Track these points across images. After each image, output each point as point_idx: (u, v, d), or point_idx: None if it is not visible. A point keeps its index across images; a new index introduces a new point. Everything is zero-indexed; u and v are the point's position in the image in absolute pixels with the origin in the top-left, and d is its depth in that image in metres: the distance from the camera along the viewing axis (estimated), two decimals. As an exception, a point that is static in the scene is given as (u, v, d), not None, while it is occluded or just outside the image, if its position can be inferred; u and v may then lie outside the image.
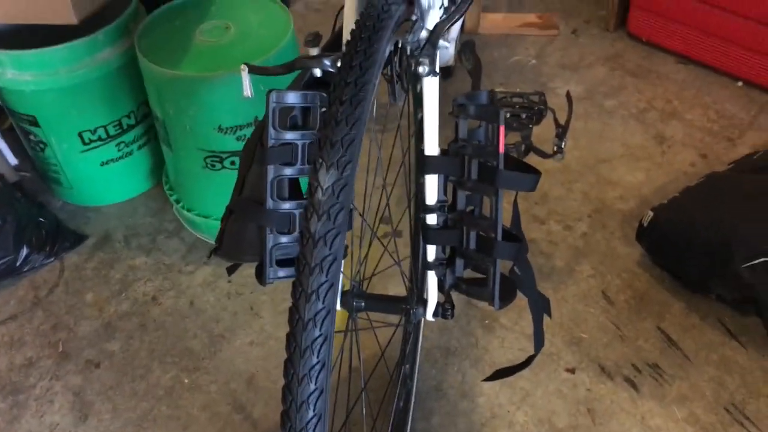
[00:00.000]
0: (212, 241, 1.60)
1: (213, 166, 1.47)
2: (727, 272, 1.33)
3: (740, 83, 1.96)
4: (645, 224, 1.47)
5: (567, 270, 1.54)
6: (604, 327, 1.43)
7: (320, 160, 0.63)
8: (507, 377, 1.03)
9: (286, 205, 0.90)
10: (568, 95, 1.33)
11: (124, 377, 1.40)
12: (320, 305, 0.61)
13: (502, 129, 0.83)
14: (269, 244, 0.91)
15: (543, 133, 1.39)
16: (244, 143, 1.41)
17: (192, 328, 1.47)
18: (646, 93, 1.96)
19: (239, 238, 0.94)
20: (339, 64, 0.83)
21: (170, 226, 1.68)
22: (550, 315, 0.97)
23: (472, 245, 0.89)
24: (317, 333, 0.61)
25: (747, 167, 1.46)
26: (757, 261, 1.29)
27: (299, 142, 0.88)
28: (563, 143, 1.30)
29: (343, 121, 0.64)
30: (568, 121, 1.30)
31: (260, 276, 0.95)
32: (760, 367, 1.35)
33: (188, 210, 1.59)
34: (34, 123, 1.55)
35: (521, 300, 0.92)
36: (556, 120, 1.28)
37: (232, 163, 1.46)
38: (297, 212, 0.91)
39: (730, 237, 1.33)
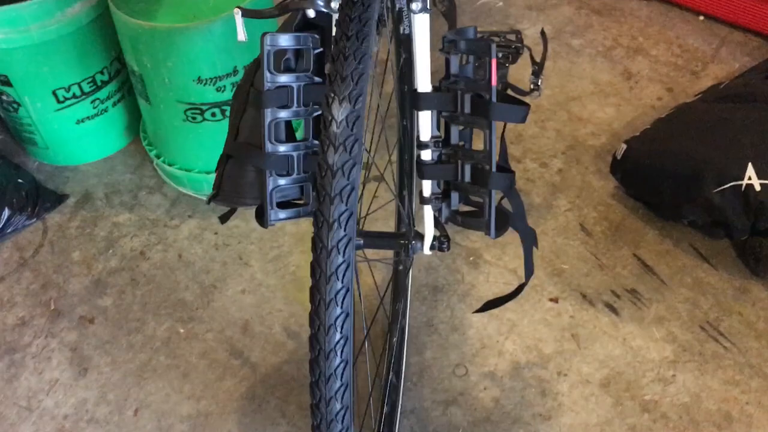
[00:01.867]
0: (195, 195, 1.62)
1: (194, 118, 1.47)
2: (698, 198, 1.39)
3: (701, 17, 2.01)
4: (619, 157, 1.52)
5: (545, 205, 1.59)
6: (583, 257, 1.49)
7: (332, 94, 0.65)
8: (497, 307, 1.08)
9: (284, 148, 0.92)
10: (543, 33, 1.36)
11: (120, 331, 1.42)
12: (342, 233, 0.64)
13: (494, 62, 0.86)
14: (269, 186, 0.93)
15: (515, 72, 1.42)
16: (230, 92, 1.43)
17: (183, 280, 1.49)
18: (611, 30, 2.00)
19: (238, 183, 0.95)
20: (333, 4, 0.85)
21: (151, 182, 1.68)
22: (537, 246, 1.01)
23: (467, 178, 0.93)
24: (341, 259, 0.64)
25: (713, 97, 1.51)
26: (726, 186, 1.36)
27: (294, 85, 0.90)
28: (540, 80, 1.33)
29: (351, 55, 0.66)
30: (543, 59, 1.33)
31: (261, 218, 0.97)
32: (732, 287, 1.42)
33: (169, 164, 1.59)
34: (6, 82, 1.53)
35: (504, 236, 0.95)
36: (532, 58, 1.31)
37: (213, 114, 1.47)
38: (295, 154, 0.93)
39: (700, 164, 1.39)
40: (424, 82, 0.92)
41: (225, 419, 1.29)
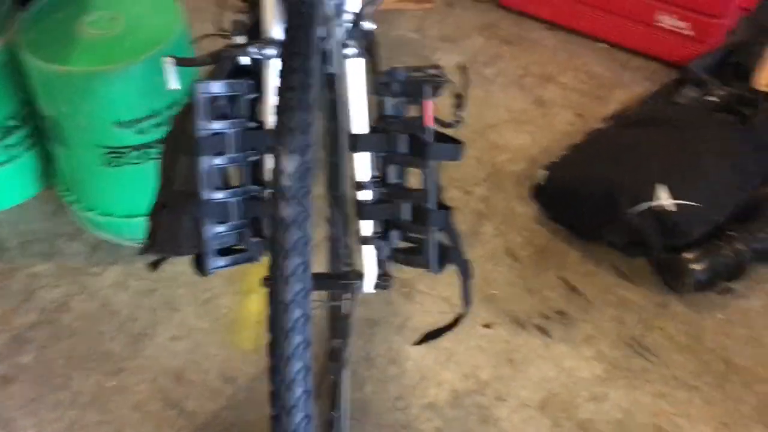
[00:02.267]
0: (117, 240, 1.57)
1: (114, 162, 1.43)
2: (616, 219, 1.45)
3: (603, 45, 2.11)
4: (542, 183, 1.58)
5: (472, 232, 1.62)
6: (512, 282, 1.53)
7: (280, 147, 0.65)
8: (436, 338, 1.09)
9: (221, 195, 0.91)
10: (464, 68, 1.40)
11: (44, 388, 1.35)
12: (300, 286, 0.64)
13: (428, 103, 0.88)
14: (207, 234, 0.92)
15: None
16: (152, 134, 1.39)
17: (108, 330, 1.44)
18: (521, 59, 2.08)
19: (174, 232, 0.93)
20: (266, 51, 0.85)
21: (69, 229, 1.62)
22: (472, 276, 1.03)
23: (407, 216, 0.94)
24: (299, 313, 0.64)
25: (622, 122, 1.59)
26: (640, 206, 1.43)
27: (229, 131, 0.90)
28: (463, 113, 1.37)
29: (297, 106, 0.66)
30: (466, 92, 1.37)
31: (200, 267, 0.95)
32: (652, 303, 1.49)
33: (88, 210, 1.54)
34: None
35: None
36: (456, 92, 1.35)
37: (134, 157, 1.43)
38: (234, 200, 0.93)
39: (615, 187, 1.45)
40: (360, 124, 0.93)
41: (163, 473, 1.24)
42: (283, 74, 0.69)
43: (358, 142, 0.92)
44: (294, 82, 0.67)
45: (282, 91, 0.68)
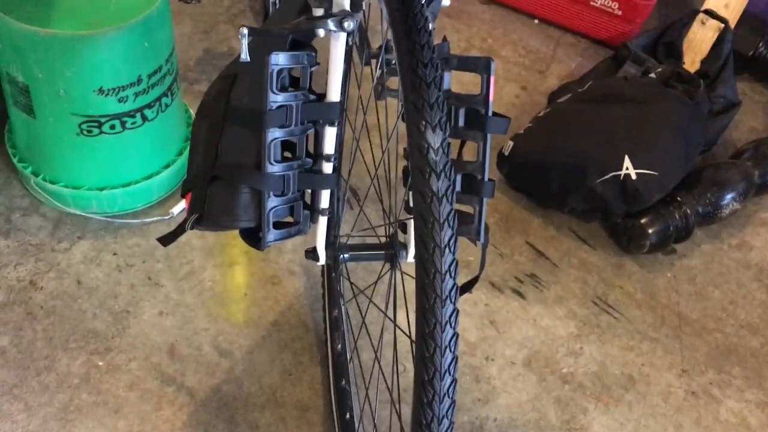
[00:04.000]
0: (82, 213, 1.49)
1: (89, 131, 1.35)
2: (582, 188, 1.56)
3: (536, 21, 2.22)
4: (506, 153, 1.65)
5: (441, 201, 1.67)
6: (484, 248, 1.60)
7: (424, 122, 0.67)
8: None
9: (281, 167, 0.91)
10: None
11: (27, 372, 1.27)
12: (452, 257, 0.66)
13: (492, 78, 0.92)
14: (267, 207, 0.92)
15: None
16: (132, 103, 1.33)
17: (89, 308, 1.37)
18: (463, 33, 2.14)
19: (231, 204, 0.92)
20: (346, 24, 0.85)
21: (24, 203, 1.51)
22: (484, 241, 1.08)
23: (458, 188, 0.98)
24: (452, 283, 0.66)
25: (582, 98, 1.69)
26: (607, 176, 1.54)
27: (294, 104, 0.89)
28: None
29: (432, 83, 0.68)
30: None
31: (255, 240, 0.95)
32: (609, 264, 1.62)
33: (52, 182, 1.45)
34: None
35: None
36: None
37: (112, 127, 1.36)
38: (290, 174, 0.92)
39: (584, 158, 1.56)
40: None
41: (171, 451, 1.22)
42: (411, 51, 0.70)
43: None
44: (426, 58, 0.69)
45: (414, 68, 0.69)
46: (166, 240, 1.01)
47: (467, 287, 1.12)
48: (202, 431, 1.24)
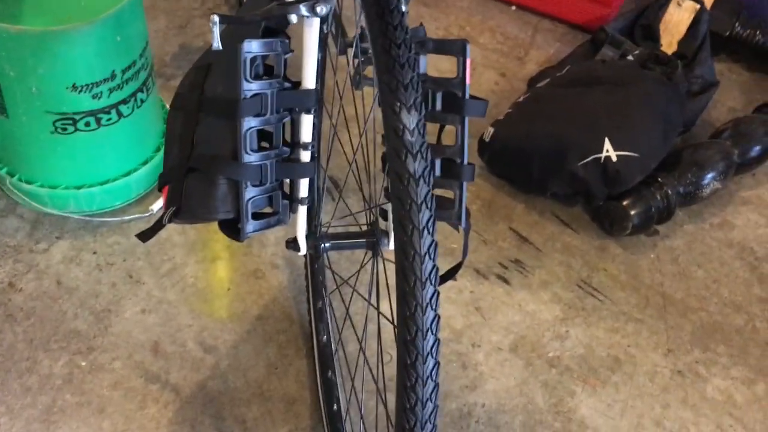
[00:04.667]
0: (60, 213, 1.47)
1: (64, 129, 1.33)
2: (564, 172, 1.56)
3: (514, 7, 2.21)
4: (486, 139, 1.65)
5: (423, 190, 1.67)
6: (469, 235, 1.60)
7: (398, 103, 0.66)
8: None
9: (256, 157, 0.90)
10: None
11: (8, 374, 1.26)
12: (431, 239, 0.65)
13: (468, 61, 0.91)
14: (245, 197, 0.91)
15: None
16: (106, 99, 1.31)
17: (69, 308, 1.35)
18: (441, 21, 2.13)
19: (207, 197, 0.91)
20: (318, 8, 0.84)
21: (0, 204, 1.49)
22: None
23: (437, 172, 0.97)
24: (431, 266, 0.65)
25: (561, 83, 1.69)
26: (588, 159, 1.54)
27: (268, 92, 0.88)
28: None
29: (406, 63, 0.67)
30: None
31: (235, 232, 0.93)
32: (592, 247, 1.62)
33: (27, 182, 1.43)
34: None
35: None
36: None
37: (87, 124, 1.34)
38: (268, 163, 0.91)
39: (564, 142, 1.56)
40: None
41: (158, 449, 1.21)
42: (381, 31, 0.69)
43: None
44: (400, 39, 0.68)
45: (387, 49, 0.68)
46: (145, 236, 0.99)
47: (451, 274, 1.11)
48: (188, 428, 1.23)
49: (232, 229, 0.93)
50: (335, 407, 1.23)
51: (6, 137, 1.39)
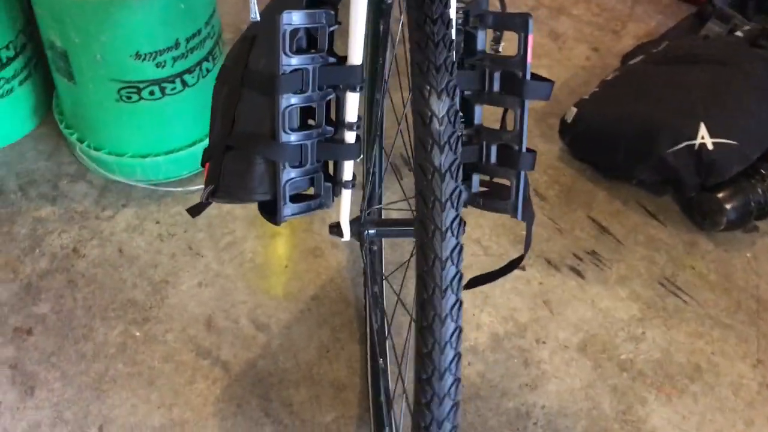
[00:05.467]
0: (127, 181, 1.47)
1: (129, 98, 1.32)
2: (652, 158, 1.43)
3: (613, -24, 2.05)
4: (569, 120, 1.53)
5: (498, 172, 1.57)
6: (542, 223, 1.50)
7: (428, 87, 0.58)
8: (488, 283, 1.05)
9: (297, 137, 0.84)
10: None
11: (65, 340, 1.27)
12: (454, 242, 0.58)
13: (530, 38, 0.82)
14: (283, 179, 0.85)
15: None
16: (171, 68, 1.29)
17: (129, 277, 1.36)
18: (532, -10, 2.01)
19: (245, 177, 0.86)
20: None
21: (71, 169, 1.51)
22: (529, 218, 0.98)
23: (492, 159, 0.88)
24: (454, 271, 0.58)
25: (657, 60, 1.55)
26: (680, 145, 1.40)
27: (309, 67, 0.82)
28: (500, 46, 1.30)
29: (441, 42, 0.59)
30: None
31: (269, 214, 0.89)
32: (681, 241, 1.48)
33: (96, 149, 1.43)
34: None
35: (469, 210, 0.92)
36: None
37: (151, 93, 1.33)
38: (308, 143, 0.86)
39: (654, 126, 1.42)
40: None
41: (203, 425, 1.19)
42: (420, 5, 0.61)
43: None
44: (436, 13, 0.60)
45: (421, 24, 0.60)
46: (194, 211, 0.97)
47: (512, 266, 1.03)
48: (234, 406, 1.21)
49: (271, 211, 0.89)
50: (381, 397, 1.17)
51: (75, 104, 1.40)
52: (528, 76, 0.83)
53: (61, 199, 1.46)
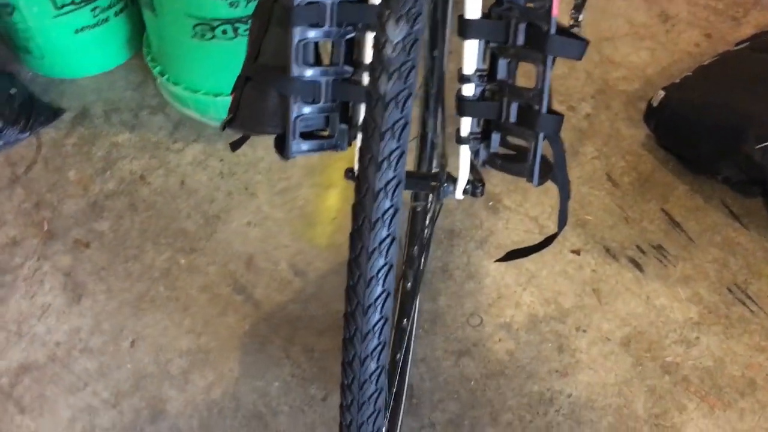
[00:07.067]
0: (200, 118, 1.52)
1: (203, 35, 1.36)
2: (738, 154, 1.31)
3: (745, -40, 1.88)
4: (655, 104, 1.43)
5: (571, 152, 1.50)
6: (608, 209, 1.41)
7: (387, 11, 0.56)
8: (522, 258, 1.00)
9: (312, 72, 0.83)
10: (589, -37, 1.25)
11: (116, 258, 1.34)
12: (391, 173, 0.55)
13: (557, -11, 0.76)
14: (293, 114, 0.85)
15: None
16: (244, 9, 1.31)
17: (185, 208, 1.41)
18: (649, -32, 1.88)
19: (258, 108, 0.86)
20: None
21: (153, 101, 1.58)
22: (569, 196, 0.93)
23: (512, 118, 0.84)
24: (388, 204, 0.56)
25: (762, 46, 1.41)
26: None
27: (328, 2, 0.80)
28: (581, 16, 1.23)
29: (409, -34, 0.56)
30: (587, -8, 1.22)
31: (281, 149, 0.88)
32: (762, 248, 1.35)
33: (174, 83, 1.49)
34: (0, -17, 1.41)
35: (524, 182, 0.86)
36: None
37: (224, 32, 1.36)
38: (323, 80, 0.84)
39: (743, 118, 1.30)
40: (473, 8, 0.81)
41: (226, 357, 1.22)
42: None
43: (468, 28, 0.81)
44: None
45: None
46: (234, 145, 0.98)
47: (542, 245, 0.97)
48: (258, 344, 1.24)
49: (283, 146, 0.88)
50: (398, 356, 1.15)
51: (157, 36, 1.46)
52: (553, 30, 0.77)
53: (139, 128, 1.53)
